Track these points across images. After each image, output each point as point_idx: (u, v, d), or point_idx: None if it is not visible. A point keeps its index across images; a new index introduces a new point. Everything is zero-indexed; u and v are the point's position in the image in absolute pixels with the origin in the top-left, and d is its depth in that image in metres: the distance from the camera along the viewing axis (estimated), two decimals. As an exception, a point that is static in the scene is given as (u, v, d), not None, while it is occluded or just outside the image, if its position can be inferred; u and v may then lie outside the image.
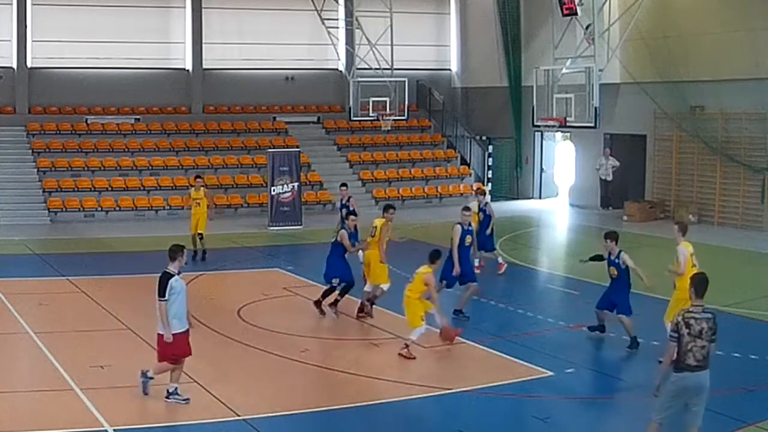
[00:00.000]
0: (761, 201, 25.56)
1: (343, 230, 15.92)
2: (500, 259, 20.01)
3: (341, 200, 20.96)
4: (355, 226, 16.15)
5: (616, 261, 14.31)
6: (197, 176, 23.53)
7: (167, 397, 11.17)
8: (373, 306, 15.97)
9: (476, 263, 18.61)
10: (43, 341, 13.88)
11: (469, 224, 16.29)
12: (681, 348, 8.95)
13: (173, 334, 11.02)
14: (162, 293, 10.98)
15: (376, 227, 15.95)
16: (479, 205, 19.60)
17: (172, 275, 11.12)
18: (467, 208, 16.72)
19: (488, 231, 19.41)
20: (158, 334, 11.23)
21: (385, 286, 15.87)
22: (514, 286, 19.04)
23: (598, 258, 15.00)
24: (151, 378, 11.33)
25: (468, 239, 16.10)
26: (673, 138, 27.98)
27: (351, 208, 18.83)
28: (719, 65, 25.65)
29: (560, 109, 24.98)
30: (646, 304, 17.14)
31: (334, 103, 34.80)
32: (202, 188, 21.93)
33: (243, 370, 12.85)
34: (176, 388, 11.21)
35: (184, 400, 11.16)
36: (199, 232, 21.32)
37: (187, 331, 11.29)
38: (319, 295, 16.16)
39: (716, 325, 9.04)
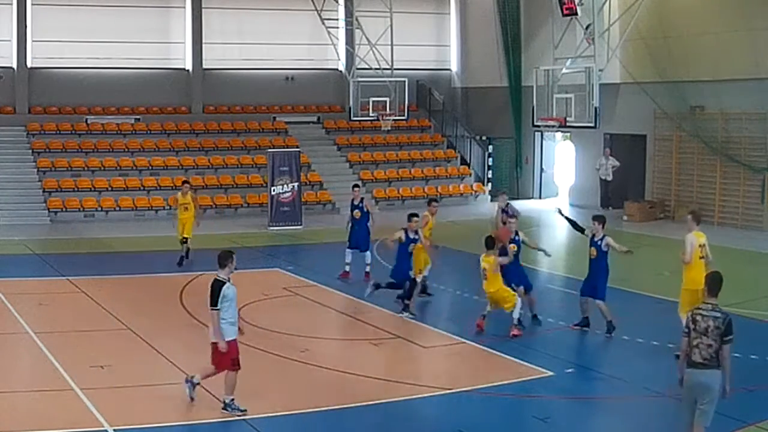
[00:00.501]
0: (761, 201, 25.56)
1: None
2: None
3: (353, 201, 20.50)
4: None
5: (599, 243, 14.64)
6: (184, 181, 22.65)
7: (224, 409, 10.86)
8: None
9: None
10: (43, 341, 13.88)
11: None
12: (689, 344, 9.05)
13: (228, 341, 10.81)
14: (215, 302, 10.72)
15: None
16: (501, 207, 19.44)
17: (224, 282, 10.86)
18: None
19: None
20: (212, 343, 10.95)
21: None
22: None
23: (577, 227, 15.23)
24: (232, 405, 10.88)
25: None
26: (673, 138, 27.98)
27: (365, 210, 18.86)
28: (719, 65, 25.65)
29: (560, 109, 24.97)
30: (645, 304, 17.18)
31: (334, 103, 34.80)
32: (189, 193, 21.52)
33: (243, 370, 12.79)
34: (232, 400, 10.91)
35: (242, 410, 10.85)
36: (184, 236, 20.86)
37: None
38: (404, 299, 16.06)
39: (726, 325, 8.89)
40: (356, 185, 21.08)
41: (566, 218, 15.94)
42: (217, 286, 10.80)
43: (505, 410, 11.61)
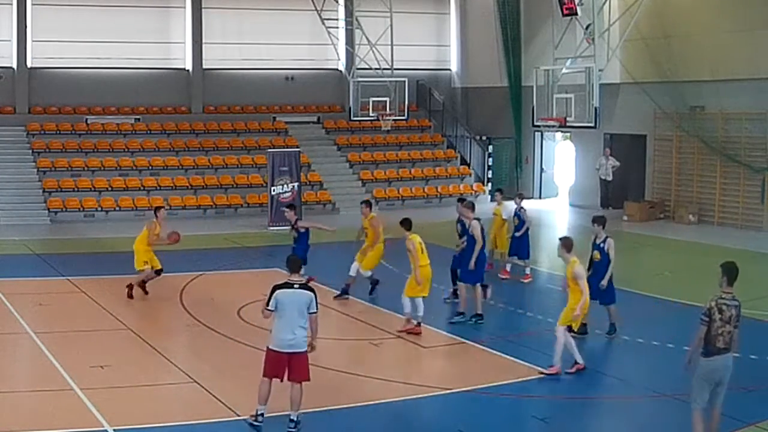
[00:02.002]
0: (761, 201, 25.55)
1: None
2: (528, 270, 19.35)
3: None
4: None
5: (602, 245, 14.48)
6: (157, 208, 18.56)
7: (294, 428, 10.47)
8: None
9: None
10: (43, 341, 13.88)
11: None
12: (711, 332, 9.43)
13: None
14: (317, 306, 10.47)
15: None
16: (515, 210, 19.44)
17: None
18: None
19: (518, 234, 19.13)
20: (303, 353, 10.49)
21: None
22: (514, 286, 19.01)
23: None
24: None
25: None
26: (673, 138, 27.98)
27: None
28: (719, 65, 25.65)
29: (560, 109, 24.97)
30: (645, 304, 17.18)
31: (334, 103, 34.80)
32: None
33: (243, 369, 12.83)
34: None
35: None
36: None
37: None
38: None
39: (740, 312, 9.63)
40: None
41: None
42: (308, 289, 10.51)
43: (505, 410, 11.61)
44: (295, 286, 10.44)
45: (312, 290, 10.53)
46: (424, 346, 14.32)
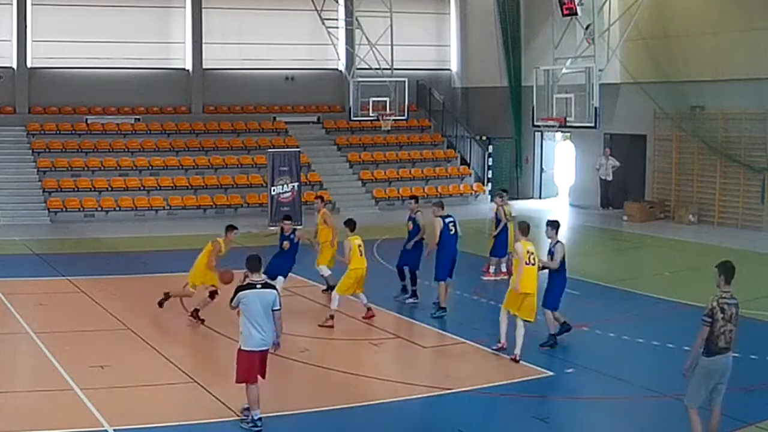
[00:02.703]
0: (761, 201, 25.55)
1: None
2: (497, 268, 19.28)
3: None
4: None
5: (552, 250, 14.29)
6: (229, 227, 16.84)
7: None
8: None
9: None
10: (43, 341, 13.88)
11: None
12: (714, 332, 9.42)
13: None
14: (280, 303, 10.65)
15: None
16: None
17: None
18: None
19: (495, 233, 19.17)
20: (264, 351, 10.62)
21: None
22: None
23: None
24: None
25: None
26: (673, 138, 27.97)
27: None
28: (719, 65, 25.66)
29: (560, 109, 24.99)
30: (645, 304, 17.18)
31: (334, 103, 34.80)
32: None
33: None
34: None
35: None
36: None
37: None
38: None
39: (739, 311, 9.65)
40: (414, 199, 18.95)
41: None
42: (270, 287, 10.68)
43: (505, 410, 11.62)
44: (258, 285, 10.55)
45: (274, 288, 10.73)
46: (424, 346, 14.32)
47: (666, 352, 13.75)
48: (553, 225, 14.34)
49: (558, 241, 14.22)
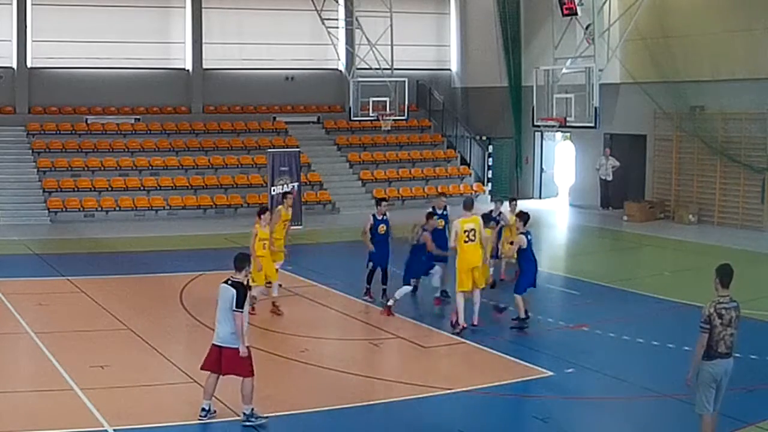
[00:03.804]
0: (761, 201, 25.55)
1: None
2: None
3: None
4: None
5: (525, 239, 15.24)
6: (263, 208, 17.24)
7: (246, 421, 10.55)
8: None
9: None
10: (43, 341, 13.88)
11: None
12: (713, 337, 9.31)
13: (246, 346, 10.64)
14: (241, 304, 10.52)
15: None
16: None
17: (247, 285, 10.72)
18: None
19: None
20: (227, 348, 10.65)
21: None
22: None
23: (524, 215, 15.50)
24: (254, 415, 10.56)
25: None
26: (673, 138, 27.97)
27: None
28: (719, 65, 25.66)
29: (560, 109, 24.97)
30: (645, 304, 17.18)
31: (334, 103, 34.80)
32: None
33: (243, 370, 12.83)
34: (253, 409, 10.66)
35: (265, 418, 10.64)
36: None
37: None
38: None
39: (740, 313, 9.50)
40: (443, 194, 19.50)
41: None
42: (241, 288, 10.59)
43: (505, 410, 11.62)
44: (228, 281, 10.67)
45: (237, 287, 10.57)
46: (424, 346, 14.32)
47: (666, 352, 13.75)
48: (521, 217, 15.36)
49: (521, 232, 15.15)
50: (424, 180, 32.73)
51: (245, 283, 10.69)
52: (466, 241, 14.56)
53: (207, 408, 10.72)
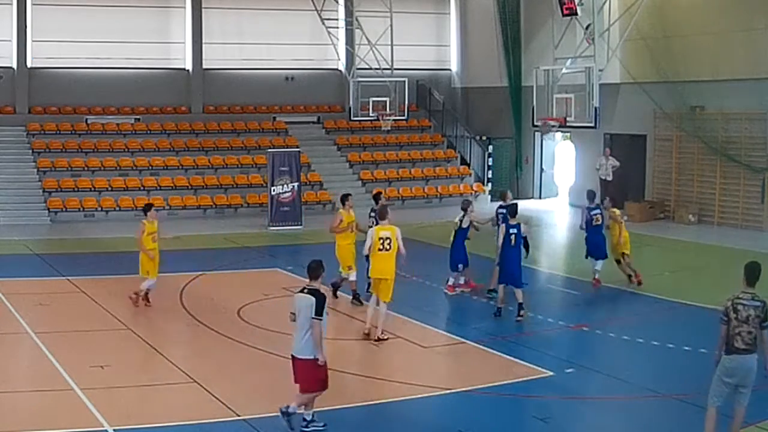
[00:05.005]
0: (761, 201, 25.56)
1: None
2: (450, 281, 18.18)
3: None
4: None
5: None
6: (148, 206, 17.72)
7: (306, 427, 10.48)
8: None
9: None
10: (43, 341, 13.88)
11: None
12: (729, 332, 9.47)
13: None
14: (320, 311, 10.20)
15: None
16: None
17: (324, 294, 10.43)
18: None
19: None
20: (301, 360, 10.40)
21: None
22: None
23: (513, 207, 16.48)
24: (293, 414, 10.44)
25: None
26: (673, 138, 27.97)
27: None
28: (719, 65, 25.65)
29: (560, 109, 24.97)
30: (645, 304, 17.18)
31: (334, 103, 34.80)
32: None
33: (243, 370, 12.84)
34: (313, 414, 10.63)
35: (323, 426, 10.58)
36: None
37: None
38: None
39: (765, 313, 9.45)
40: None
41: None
42: (320, 295, 10.28)
43: (505, 410, 11.61)
44: (305, 290, 10.41)
45: (316, 295, 10.29)
46: (424, 346, 14.32)
47: (666, 352, 13.75)
48: (509, 210, 16.17)
49: (517, 224, 15.84)
50: (424, 180, 32.73)
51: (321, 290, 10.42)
52: (380, 249, 14.33)
53: (309, 418, 10.53)
